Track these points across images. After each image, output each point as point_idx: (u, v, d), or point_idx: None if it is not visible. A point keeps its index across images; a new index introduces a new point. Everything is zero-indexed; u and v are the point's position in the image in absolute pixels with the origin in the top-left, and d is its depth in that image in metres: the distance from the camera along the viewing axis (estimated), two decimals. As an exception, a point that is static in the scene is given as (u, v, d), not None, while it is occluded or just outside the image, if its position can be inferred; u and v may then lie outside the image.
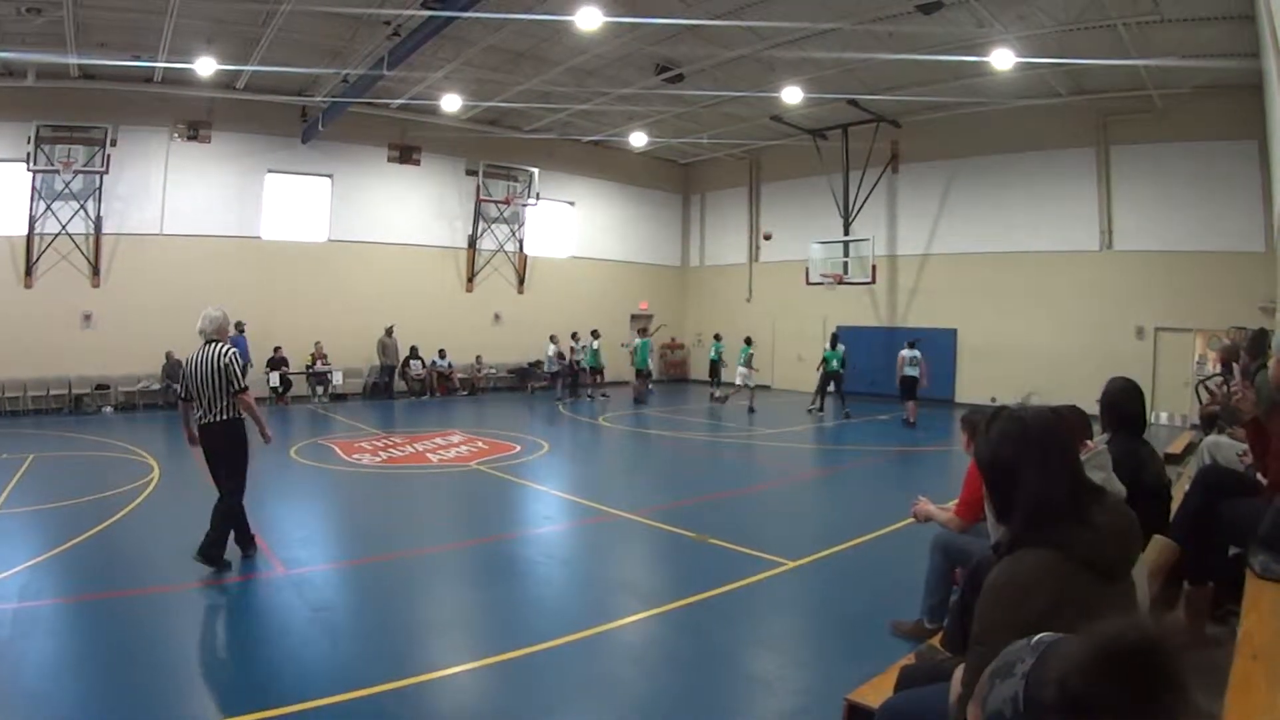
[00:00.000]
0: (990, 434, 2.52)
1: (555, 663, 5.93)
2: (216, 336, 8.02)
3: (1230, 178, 19.54)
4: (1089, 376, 9.96)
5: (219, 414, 7.84)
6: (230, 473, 7.94)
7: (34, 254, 20.52)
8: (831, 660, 6.18)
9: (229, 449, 7.96)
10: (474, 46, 19.04)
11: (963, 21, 16.81)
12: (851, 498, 13.08)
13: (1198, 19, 15.75)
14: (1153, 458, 4.78)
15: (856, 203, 25.99)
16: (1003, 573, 2.34)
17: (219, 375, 7.78)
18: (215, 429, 7.88)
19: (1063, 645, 1.38)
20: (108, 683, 5.43)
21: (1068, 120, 22.16)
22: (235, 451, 7.98)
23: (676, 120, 26.09)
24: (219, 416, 7.85)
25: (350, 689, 5.32)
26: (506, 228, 28.83)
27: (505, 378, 28.53)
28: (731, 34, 18.10)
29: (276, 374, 23.03)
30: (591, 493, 12.35)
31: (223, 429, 7.89)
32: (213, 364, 7.79)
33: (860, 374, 26.22)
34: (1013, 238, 23.86)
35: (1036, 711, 1.32)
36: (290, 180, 24.60)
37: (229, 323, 8.33)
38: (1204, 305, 19.83)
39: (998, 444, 2.48)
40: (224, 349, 7.92)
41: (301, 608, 7.03)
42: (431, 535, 10.09)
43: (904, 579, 7.06)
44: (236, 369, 7.88)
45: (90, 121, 20.70)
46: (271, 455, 14.80)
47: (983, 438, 2.55)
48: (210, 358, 7.82)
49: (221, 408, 7.83)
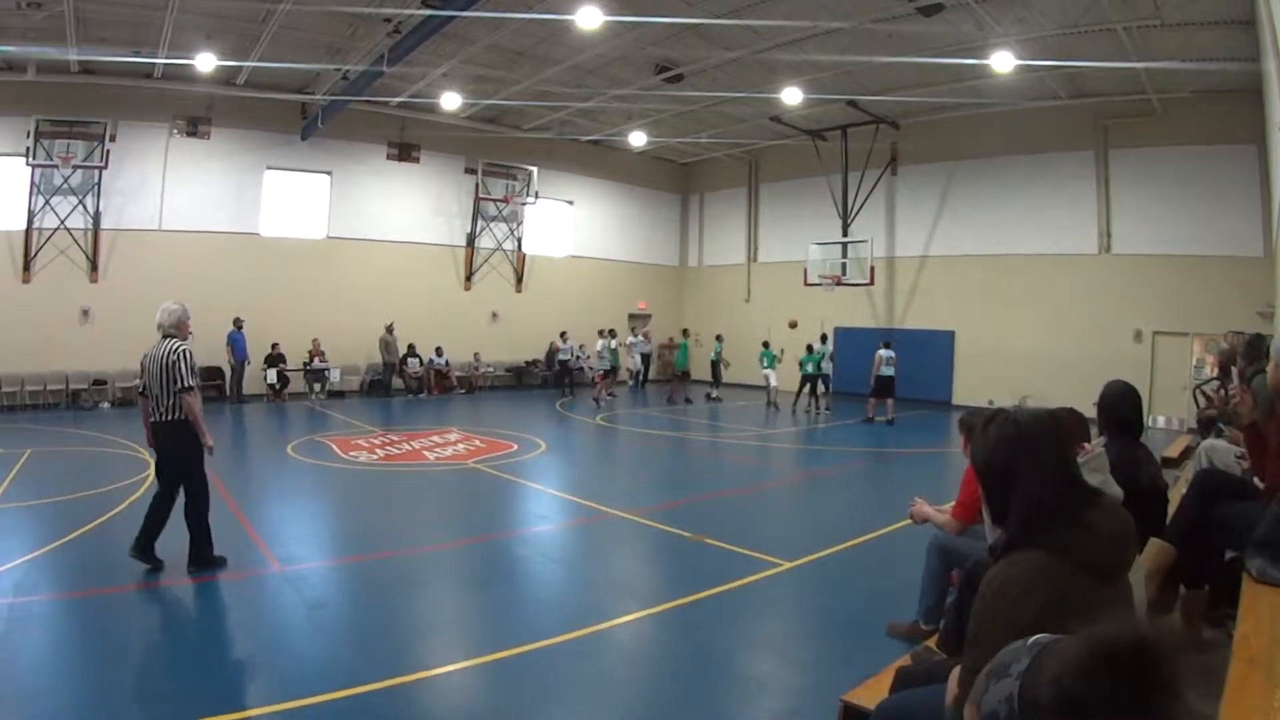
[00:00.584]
0: (986, 437, 2.52)
1: (550, 662, 5.92)
2: (174, 332, 7.77)
3: (1229, 182, 19.56)
4: (1086, 380, 9.95)
5: (166, 413, 7.58)
6: (178, 477, 7.72)
7: (32, 249, 20.51)
8: (827, 661, 6.18)
9: (175, 450, 7.70)
10: (474, 45, 19.03)
11: (962, 23, 16.81)
12: (848, 498, 13.09)
13: (1198, 23, 15.76)
14: (1149, 460, 4.77)
15: (855, 204, 25.99)
16: (998, 574, 2.34)
17: (167, 372, 7.53)
18: (163, 428, 7.64)
19: (1058, 646, 1.38)
20: (103, 679, 5.42)
21: (1067, 123, 22.17)
22: (181, 454, 7.70)
23: (676, 120, 26.10)
24: (166, 416, 7.59)
25: (345, 686, 5.31)
26: (505, 226, 28.87)
27: (503, 376, 28.56)
28: (731, 34, 18.11)
29: (274, 371, 23.06)
30: (588, 492, 12.34)
31: (169, 429, 7.63)
32: (163, 360, 7.56)
33: (859, 376, 26.33)
34: (1011, 240, 23.89)
35: (1032, 711, 1.32)
36: (289, 177, 24.62)
37: (188, 318, 7.99)
38: (1202, 309, 19.85)
39: (993, 447, 2.48)
40: (176, 345, 7.65)
41: (297, 605, 7.02)
42: (428, 534, 10.07)
43: (900, 580, 7.06)
44: (185, 366, 7.56)
45: (90, 117, 20.67)
46: (268, 453, 14.81)
47: (978, 440, 2.54)
48: (162, 354, 7.59)
49: (168, 406, 7.56)
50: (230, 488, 11.75)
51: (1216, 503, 4.73)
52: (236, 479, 12.93)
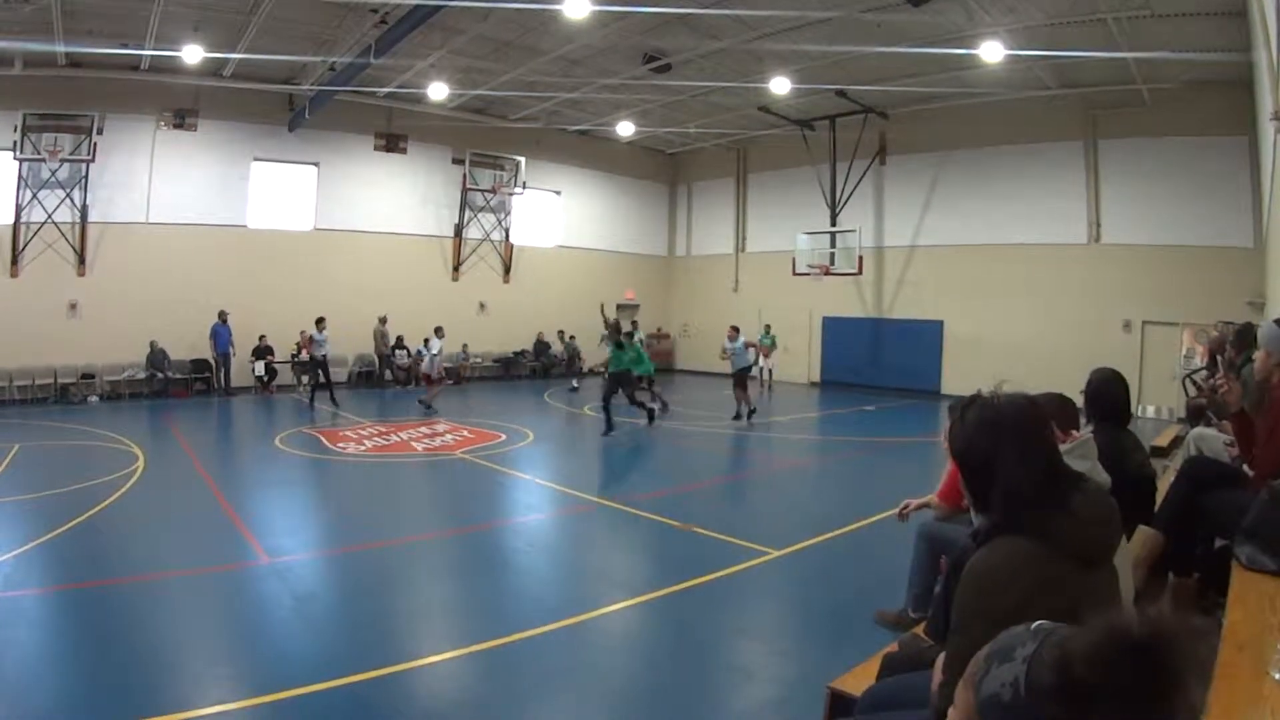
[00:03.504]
0: (965, 422, 2.50)
1: (537, 651, 5.92)
2: None
3: (1219, 173, 19.62)
4: (1076, 369, 9.93)
5: None
6: None
7: (20, 243, 20.40)
8: (815, 649, 6.19)
9: None
10: (461, 35, 18.95)
11: (952, 13, 16.79)
12: (836, 487, 13.09)
13: (1188, 14, 15.74)
14: (1136, 447, 4.76)
15: (844, 194, 25.98)
16: (980, 561, 2.33)
17: None
18: None
19: (1067, 632, 1.37)
20: (91, 671, 5.39)
21: (1056, 114, 22.20)
22: None
23: (664, 110, 26.05)
24: None
25: (332, 677, 5.30)
26: (493, 216, 28.80)
27: (490, 367, 28.53)
28: (719, 24, 18.06)
29: (262, 363, 22.99)
30: (576, 482, 12.37)
31: None
32: None
33: (844, 365, 26.41)
34: (1000, 230, 23.91)
35: (1037, 695, 1.32)
36: (276, 169, 24.49)
37: None
38: (1192, 299, 19.92)
39: (973, 431, 2.46)
40: None
41: (285, 596, 7.02)
42: (415, 524, 10.06)
43: (888, 568, 7.06)
44: None
45: (77, 110, 20.55)
46: (256, 445, 14.76)
47: (957, 426, 2.52)
48: None
49: None
50: (219, 480, 11.75)
51: (1205, 490, 4.72)
52: (225, 471, 12.92)
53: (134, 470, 12.00)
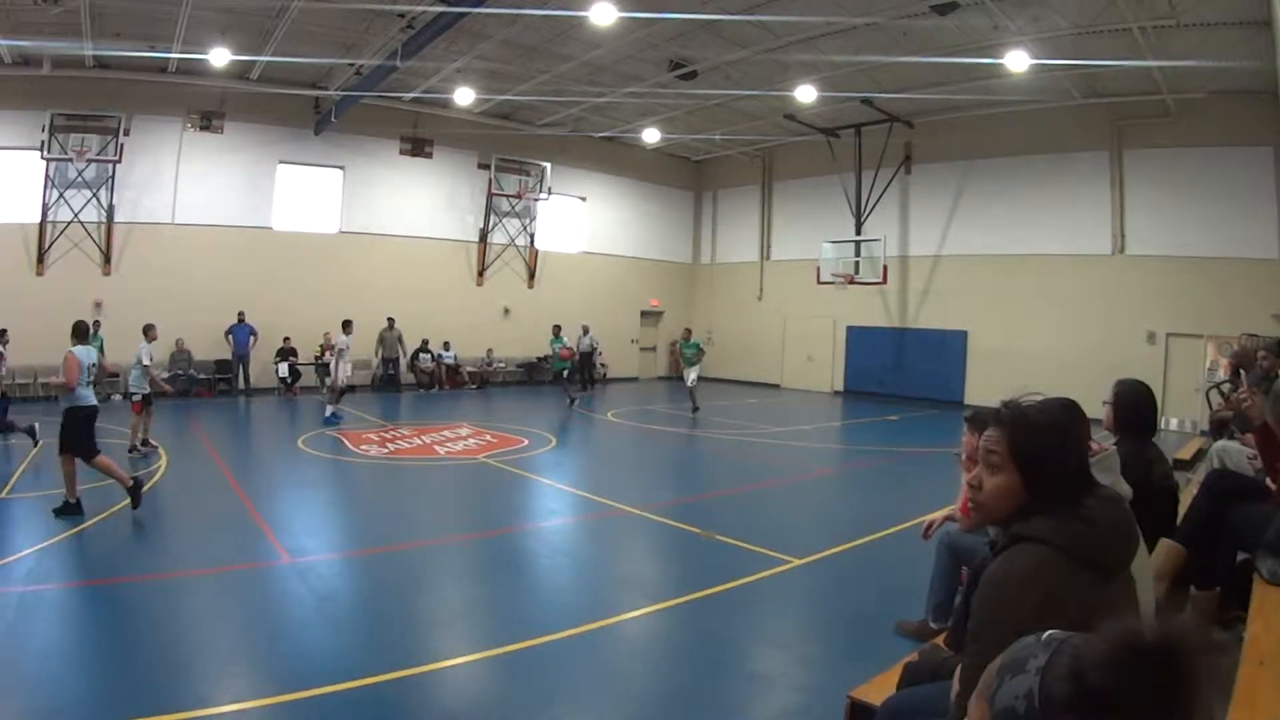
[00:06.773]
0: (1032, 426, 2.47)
1: (558, 656, 5.94)
2: None
3: (1244, 184, 19.45)
4: (1098, 381, 9.89)
5: None
6: None
7: (46, 242, 20.59)
8: (835, 658, 6.17)
9: None
10: (487, 40, 19.02)
11: (977, 22, 16.73)
12: (858, 497, 13.02)
13: (1214, 24, 15.61)
14: (1159, 460, 4.75)
15: (869, 202, 25.88)
16: (998, 569, 2.34)
17: None
18: None
19: (1080, 641, 1.37)
20: (111, 668, 5.45)
21: (1081, 123, 22.05)
22: None
23: (689, 117, 26.06)
24: None
25: (353, 678, 5.33)
26: (518, 222, 28.84)
27: (514, 372, 28.59)
28: (746, 31, 18.05)
29: (285, 365, 23.10)
30: (598, 487, 12.38)
31: None
32: None
33: (868, 375, 26.34)
34: (1025, 240, 23.77)
35: (1052, 706, 1.31)
36: (302, 171, 24.64)
37: None
38: (1216, 311, 19.74)
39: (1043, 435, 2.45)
40: None
41: (306, 596, 7.06)
42: (437, 527, 10.10)
43: (910, 578, 7.03)
44: None
45: (104, 110, 20.76)
46: (279, 446, 14.85)
47: (1022, 430, 2.48)
48: None
49: None
50: (241, 480, 11.82)
51: (1228, 504, 4.70)
52: (247, 471, 12.99)
53: (157, 469, 12.12)
